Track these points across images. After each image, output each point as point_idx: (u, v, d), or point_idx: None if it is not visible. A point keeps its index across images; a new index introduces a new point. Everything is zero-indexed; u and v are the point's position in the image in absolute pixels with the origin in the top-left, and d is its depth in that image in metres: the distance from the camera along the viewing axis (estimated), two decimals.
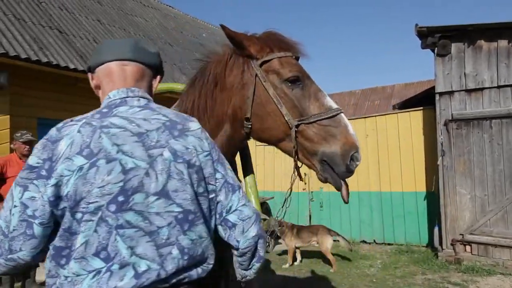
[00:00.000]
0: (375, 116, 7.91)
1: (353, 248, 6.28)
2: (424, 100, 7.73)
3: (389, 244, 7.37)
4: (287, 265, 6.10)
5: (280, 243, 7.29)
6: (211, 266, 1.21)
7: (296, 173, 1.79)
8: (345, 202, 1.80)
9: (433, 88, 6.60)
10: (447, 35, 6.08)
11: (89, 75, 1.32)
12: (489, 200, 5.85)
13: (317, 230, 6.00)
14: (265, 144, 1.91)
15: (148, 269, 1.06)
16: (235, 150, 1.98)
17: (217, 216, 1.24)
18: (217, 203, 1.23)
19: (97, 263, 1.03)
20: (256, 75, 1.75)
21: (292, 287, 5.25)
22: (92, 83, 1.32)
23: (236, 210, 1.23)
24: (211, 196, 1.21)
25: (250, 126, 1.79)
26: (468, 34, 5.97)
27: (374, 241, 7.59)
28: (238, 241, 1.23)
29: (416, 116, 7.27)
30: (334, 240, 5.99)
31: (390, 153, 7.52)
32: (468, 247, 5.98)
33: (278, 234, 6.30)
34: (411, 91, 20.96)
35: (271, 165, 8.83)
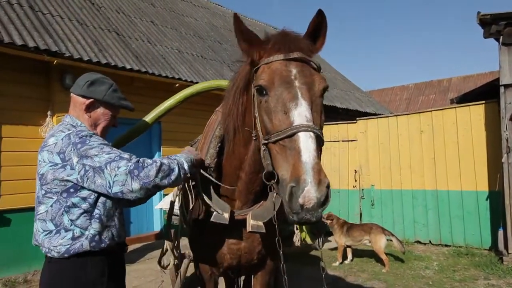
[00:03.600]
0: (431, 111, 7.51)
1: (406, 250, 6.02)
2: (486, 93, 7.22)
3: (446, 245, 6.99)
4: (337, 263, 6.00)
5: (330, 240, 7.18)
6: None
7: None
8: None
9: (497, 80, 6.14)
10: None
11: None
12: None
13: (370, 229, 5.83)
14: None
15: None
16: None
17: (106, 193, 1.60)
18: (99, 186, 1.59)
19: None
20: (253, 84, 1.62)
21: (342, 285, 5.16)
22: None
23: (114, 182, 1.55)
24: (65, 195, 1.62)
25: (255, 138, 1.67)
26: None
27: (430, 241, 7.23)
28: (134, 198, 1.60)
29: (477, 111, 6.80)
30: (387, 240, 5.80)
31: (447, 150, 7.11)
32: None
33: (330, 229, 6.21)
34: (470, 84, 19.76)
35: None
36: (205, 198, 1.98)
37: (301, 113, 1.41)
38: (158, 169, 1.60)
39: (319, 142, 1.41)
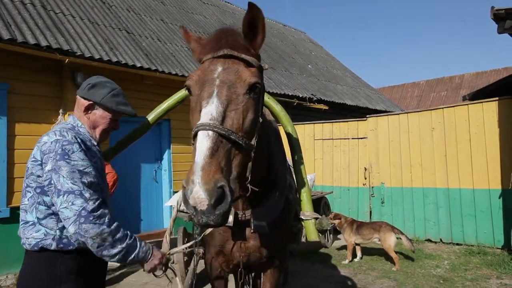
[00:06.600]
0: (443, 108, 7.42)
1: (415, 248, 5.96)
2: (500, 89, 7.10)
3: (457, 244, 6.91)
4: (347, 261, 5.98)
5: (339, 239, 7.17)
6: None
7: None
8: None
9: (511, 76, 6.04)
10: None
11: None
12: None
13: (380, 227, 5.81)
14: (324, 138, 1.82)
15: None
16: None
17: (56, 209, 1.61)
18: (53, 202, 1.61)
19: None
20: None
21: (352, 284, 5.14)
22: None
23: (62, 208, 1.57)
24: (38, 191, 1.67)
25: None
26: None
27: (441, 240, 7.16)
28: (69, 234, 1.63)
29: (490, 108, 6.70)
30: (396, 238, 5.76)
31: (459, 148, 7.02)
32: None
33: (338, 228, 6.20)
34: (483, 80, 19.47)
35: (329, 159, 8.69)
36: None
37: (207, 111, 1.38)
38: (99, 233, 1.55)
39: (230, 141, 1.36)
